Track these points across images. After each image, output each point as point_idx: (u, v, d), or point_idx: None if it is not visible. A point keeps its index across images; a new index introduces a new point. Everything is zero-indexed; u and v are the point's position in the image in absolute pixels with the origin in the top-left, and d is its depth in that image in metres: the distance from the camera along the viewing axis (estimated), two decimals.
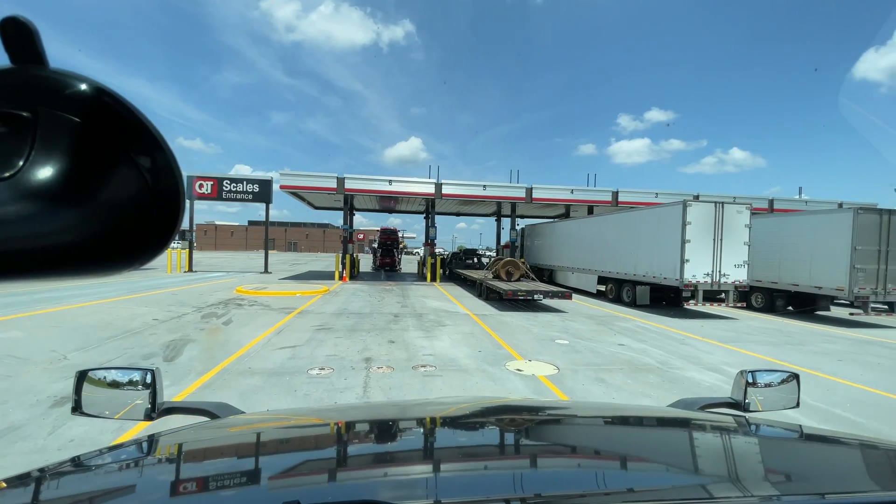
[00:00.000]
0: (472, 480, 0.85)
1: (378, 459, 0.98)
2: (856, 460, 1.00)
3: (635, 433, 1.22)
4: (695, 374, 6.23)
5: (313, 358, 6.40)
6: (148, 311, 9.67)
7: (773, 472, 0.91)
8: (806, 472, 0.92)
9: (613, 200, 21.50)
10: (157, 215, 0.39)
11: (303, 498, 0.64)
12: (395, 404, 1.74)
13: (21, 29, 0.31)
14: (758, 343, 8.58)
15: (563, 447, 1.10)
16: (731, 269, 11.58)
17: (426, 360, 6.45)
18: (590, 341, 8.26)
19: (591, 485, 0.81)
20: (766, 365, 6.88)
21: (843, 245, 11.17)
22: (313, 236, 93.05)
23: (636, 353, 7.42)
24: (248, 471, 0.87)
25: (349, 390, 5.05)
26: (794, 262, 12.56)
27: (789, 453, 1.04)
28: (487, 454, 1.02)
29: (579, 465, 0.97)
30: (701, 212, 11.43)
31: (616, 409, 1.98)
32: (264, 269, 23.61)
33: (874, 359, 7.57)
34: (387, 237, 30.94)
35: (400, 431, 1.19)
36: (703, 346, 8.19)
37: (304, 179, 19.68)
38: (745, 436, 1.11)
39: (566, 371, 6.14)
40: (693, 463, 0.97)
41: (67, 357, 5.94)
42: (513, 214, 25.59)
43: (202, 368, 5.69)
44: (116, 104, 0.35)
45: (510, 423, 1.29)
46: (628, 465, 0.94)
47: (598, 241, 16.06)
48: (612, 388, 5.46)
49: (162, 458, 0.97)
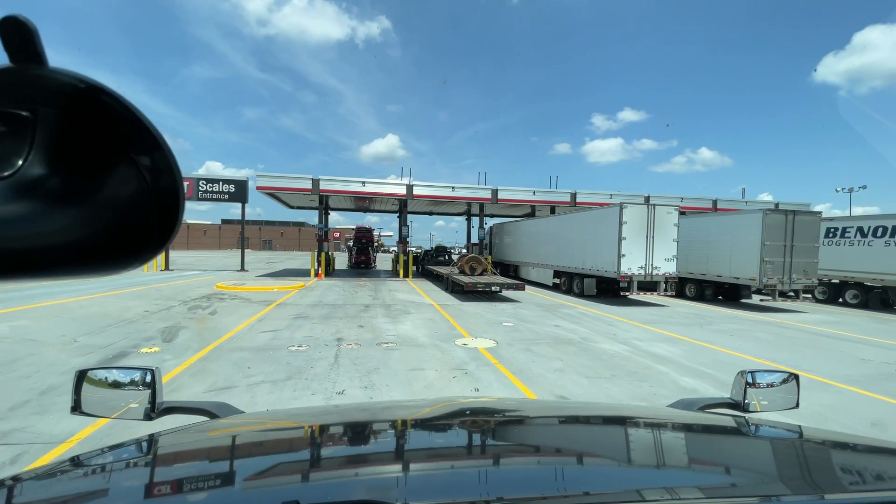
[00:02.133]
0: (473, 480, 0.84)
1: (378, 460, 0.97)
2: (856, 461, 0.99)
3: (634, 433, 1.20)
4: (607, 346, 7.69)
5: (292, 338, 7.55)
6: (137, 305, 10.56)
7: (772, 472, 0.91)
8: (805, 472, 0.91)
9: (572, 201, 23.22)
10: (157, 214, 0.39)
11: (303, 498, 0.64)
12: (396, 404, 1.74)
13: (20, 28, 0.30)
14: (672, 324, 10.20)
15: (562, 447, 1.10)
16: (661, 263, 13.28)
17: (389, 339, 7.70)
18: (531, 324, 9.68)
19: (590, 485, 0.80)
20: (666, 339, 8.44)
21: (754, 241, 13.01)
22: (288, 235, 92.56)
23: (566, 331, 8.87)
24: (248, 471, 0.87)
25: (322, 360, 6.25)
26: (718, 256, 14.40)
27: (789, 454, 1.03)
28: (490, 454, 1.03)
29: (579, 465, 0.95)
30: (635, 213, 13.08)
31: (615, 409, 1.97)
32: (241, 267, 24.26)
33: (759, 334, 9.25)
34: (362, 235, 31.80)
35: (401, 432, 1.19)
36: (625, 326, 9.74)
37: (280, 181, 20.52)
38: (745, 436, 1.10)
39: (503, 344, 7.50)
40: (693, 463, 0.96)
41: (77, 340, 6.91)
42: (481, 214, 27.01)
43: (198, 346, 6.77)
44: (116, 103, 0.35)
45: (511, 422, 1.28)
46: (628, 466, 0.94)
47: (552, 239, 17.65)
48: (536, 355, 6.84)
49: (162, 457, 0.96)
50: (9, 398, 4.45)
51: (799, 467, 0.95)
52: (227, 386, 5.02)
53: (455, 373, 5.81)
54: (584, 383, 5.50)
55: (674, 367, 6.40)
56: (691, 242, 15.04)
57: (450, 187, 22.59)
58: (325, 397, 4.75)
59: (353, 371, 5.74)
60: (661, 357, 6.97)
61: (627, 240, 12.94)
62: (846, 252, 15.18)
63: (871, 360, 7.16)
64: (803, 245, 13.06)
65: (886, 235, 14.11)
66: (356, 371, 5.74)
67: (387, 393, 4.95)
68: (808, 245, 13.16)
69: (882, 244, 14.19)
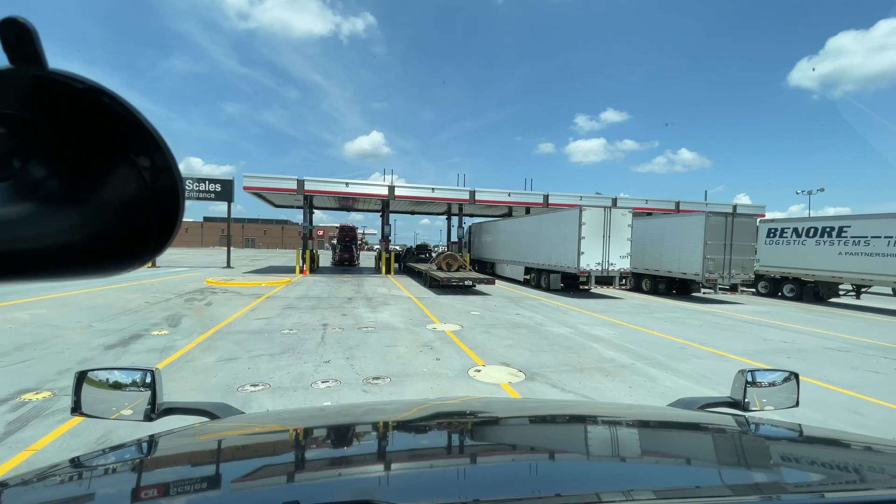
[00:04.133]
0: (474, 480, 0.84)
1: (379, 459, 0.96)
2: (856, 459, 0.98)
3: (633, 433, 1.20)
4: (555, 329, 9.01)
5: (283, 324, 8.65)
6: (137, 297, 11.47)
7: (773, 471, 0.92)
8: (806, 471, 0.92)
9: (545, 202, 24.66)
10: (157, 215, 0.39)
11: (303, 498, 0.65)
12: (396, 404, 1.72)
13: (19, 29, 0.30)
14: (619, 313, 11.61)
15: (560, 447, 1.09)
16: (617, 260, 14.74)
17: (369, 324, 8.86)
18: (496, 312, 10.96)
19: (589, 485, 0.79)
20: (608, 324, 9.82)
21: (698, 240, 14.57)
22: (271, 233, 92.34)
23: (524, 318, 10.17)
24: (248, 471, 0.88)
25: (311, 339, 7.38)
26: (669, 254, 15.95)
27: (789, 452, 1.04)
28: (494, 454, 1.03)
29: (578, 465, 0.95)
30: (593, 215, 14.50)
31: (614, 408, 1.96)
32: (227, 264, 25.00)
33: (690, 321, 10.71)
34: (345, 234, 32.70)
35: (403, 433, 1.19)
36: (577, 314, 11.10)
37: (266, 181, 21.38)
38: (745, 435, 1.11)
39: (467, 328, 8.74)
40: (693, 462, 0.97)
41: (93, 325, 7.89)
42: (460, 214, 28.23)
43: (201, 330, 7.82)
44: (115, 104, 0.35)
45: (510, 422, 1.29)
46: (627, 465, 0.94)
47: (523, 238, 19.03)
48: (493, 336, 8.10)
49: (162, 458, 0.96)
50: (53, 366, 5.48)
51: (799, 466, 0.95)
52: (233, 357, 6.12)
53: (422, 348, 7.02)
54: (526, 355, 6.77)
55: (604, 344, 7.73)
56: (647, 241, 16.58)
57: (430, 188, 23.77)
58: (315, 365, 5.89)
59: (337, 347, 6.89)
60: (597, 337, 8.31)
61: (586, 239, 14.35)
62: (784, 250, 16.91)
63: (771, 340, 8.63)
64: (741, 244, 14.69)
65: (817, 235, 15.86)
66: (340, 347, 6.90)
67: (364, 362, 6.11)
68: (745, 244, 14.79)
69: (813, 243, 15.94)
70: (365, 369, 5.75)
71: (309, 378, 5.31)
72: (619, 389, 5.26)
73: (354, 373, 5.59)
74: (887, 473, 0.89)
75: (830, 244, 15.30)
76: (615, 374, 5.90)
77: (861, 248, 14.49)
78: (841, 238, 15.04)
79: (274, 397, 4.64)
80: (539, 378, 5.60)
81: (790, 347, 7.94)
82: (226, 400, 4.46)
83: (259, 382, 5.09)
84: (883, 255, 13.86)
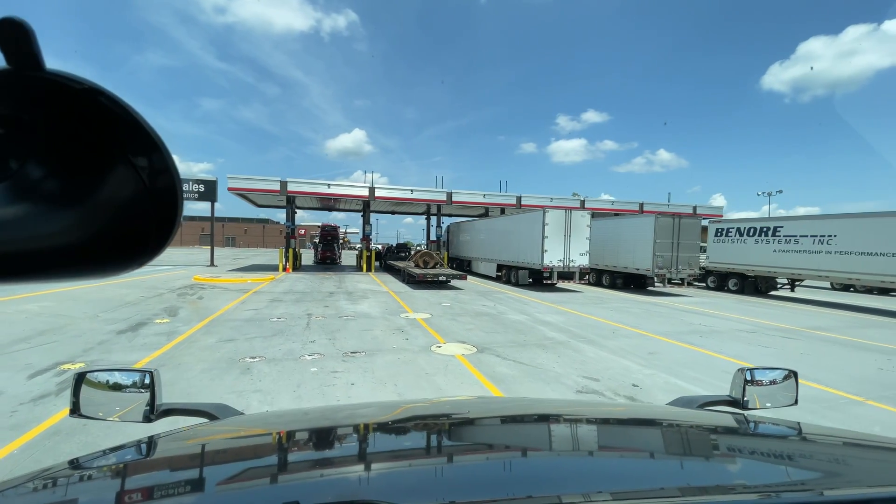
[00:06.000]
0: (476, 480, 0.84)
1: (379, 459, 0.96)
2: (855, 457, 0.99)
3: (633, 432, 1.21)
4: (513, 316, 10.32)
5: (272, 314, 9.72)
6: (132, 292, 12.32)
7: (772, 469, 0.93)
8: (805, 469, 0.93)
9: (517, 203, 26.12)
10: (155, 215, 0.39)
11: (303, 498, 0.65)
12: (400, 404, 1.74)
13: (17, 30, 0.30)
14: (574, 304, 13.03)
15: (560, 446, 1.08)
16: (577, 257, 16.22)
17: (349, 314, 10.01)
18: (464, 304, 12.23)
19: (589, 484, 0.79)
20: (560, 312, 11.20)
21: (649, 239, 16.15)
22: (252, 231, 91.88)
23: (489, 308, 11.47)
24: (248, 471, 0.88)
25: (297, 325, 8.49)
26: (625, 251, 17.53)
27: (788, 451, 1.04)
28: (504, 452, 1.04)
29: (578, 464, 0.94)
30: (556, 216, 15.95)
31: (614, 407, 1.95)
32: (210, 263, 25.65)
33: (633, 310, 12.19)
34: (327, 233, 33.51)
35: (404, 432, 1.19)
36: (536, 305, 12.47)
37: (250, 182, 22.20)
38: (744, 434, 1.12)
39: (436, 316, 9.98)
40: (692, 461, 0.97)
41: (99, 316, 8.82)
42: (438, 214, 29.47)
43: (198, 319, 8.84)
44: (113, 105, 0.35)
45: (510, 421, 1.31)
46: (626, 464, 0.94)
47: (496, 237, 20.40)
48: (458, 322, 9.34)
49: (161, 459, 0.97)
50: (77, 346, 6.48)
51: (798, 464, 0.95)
52: (231, 339, 7.20)
53: (395, 332, 8.21)
54: (482, 335, 8.04)
55: (550, 327, 9.07)
56: (606, 240, 18.12)
57: (409, 190, 24.94)
58: (302, 343, 7.02)
59: (320, 331, 8.03)
60: (547, 322, 9.65)
61: (549, 238, 15.78)
62: (729, 248, 18.69)
63: (694, 324, 10.13)
64: (687, 242, 16.35)
65: (756, 235, 17.65)
66: (323, 331, 8.03)
67: (344, 342, 7.26)
68: (690, 242, 16.46)
69: (753, 242, 17.73)
70: (344, 346, 6.92)
71: (298, 353, 6.45)
72: (549, 358, 6.57)
73: (335, 349, 6.76)
74: (887, 472, 0.89)
75: (767, 242, 17.10)
76: (551, 348, 7.22)
77: (792, 245, 16.30)
78: (775, 237, 16.85)
79: (270, 365, 5.77)
80: (488, 351, 6.86)
81: (706, 329, 9.44)
82: (230, 368, 5.60)
83: (256, 356, 6.21)
84: (810, 252, 15.68)
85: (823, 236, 15.18)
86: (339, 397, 4.70)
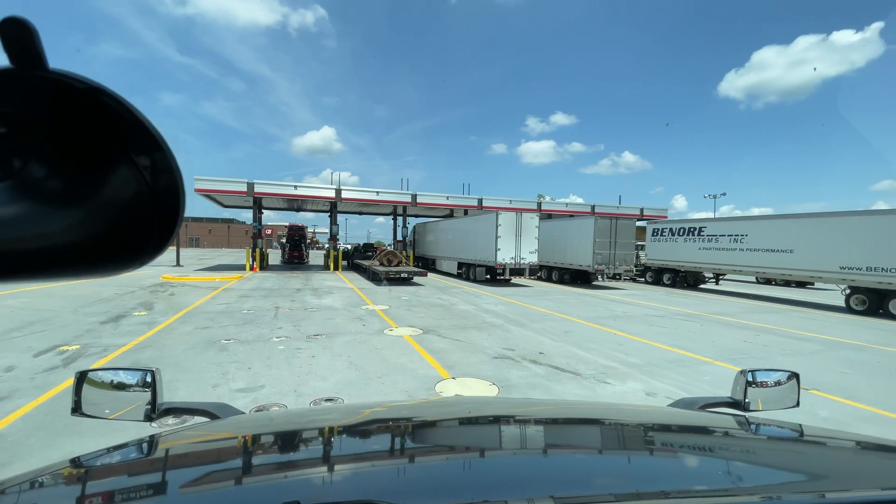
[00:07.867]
0: (477, 480, 0.84)
1: (380, 460, 0.96)
2: (856, 459, 1.00)
3: (634, 433, 1.21)
4: (463, 307, 11.70)
5: (242, 307, 10.70)
6: (105, 289, 12.92)
7: (773, 471, 0.93)
8: (806, 471, 0.93)
9: (479, 205, 27.66)
10: (157, 215, 0.39)
11: (303, 498, 0.65)
12: (400, 404, 1.73)
13: (21, 30, 0.30)
14: (521, 296, 14.56)
15: (562, 447, 1.09)
16: (527, 255, 17.86)
17: (313, 307, 11.11)
18: (422, 297, 13.53)
19: (589, 486, 0.80)
20: (505, 303, 12.69)
21: (590, 238, 17.97)
22: (217, 231, 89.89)
23: (443, 301, 12.82)
24: (248, 471, 0.89)
25: (266, 316, 9.54)
26: (570, 250, 19.34)
27: (790, 452, 1.05)
28: (505, 453, 1.05)
29: (578, 465, 0.95)
30: (508, 217, 17.52)
31: (613, 408, 1.98)
32: (177, 263, 25.81)
33: (569, 301, 13.84)
34: (294, 233, 34.01)
35: (404, 432, 1.20)
36: (487, 297, 13.93)
37: (217, 184, 22.66)
38: (746, 435, 1.12)
39: (394, 308, 11.22)
40: (693, 462, 0.98)
41: (78, 310, 9.57)
42: (404, 215, 30.67)
43: (174, 312, 9.74)
44: (116, 104, 0.35)
45: (509, 421, 1.31)
46: (627, 466, 0.94)
47: (457, 237, 21.86)
48: (412, 312, 10.62)
49: (162, 458, 0.97)
50: (68, 333, 7.34)
51: (800, 466, 0.96)
52: (206, 327, 8.20)
53: (354, 320, 9.41)
54: (431, 321, 9.35)
55: (492, 315, 10.50)
56: (555, 239, 19.87)
57: (375, 192, 26.02)
58: (271, 329, 8.11)
59: (287, 321, 9.12)
60: (491, 311, 11.09)
61: (502, 238, 17.33)
62: (663, 246, 20.84)
63: (615, 311, 11.82)
64: (623, 241, 18.29)
65: (685, 234, 19.82)
66: (289, 321, 9.13)
67: (308, 328, 8.39)
68: (626, 241, 18.41)
69: (683, 241, 19.90)
70: (308, 331, 8.07)
71: (267, 336, 7.56)
72: (481, 336, 7.96)
73: (300, 332, 7.90)
74: (888, 473, 0.89)
75: (693, 241, 19.27)
76: (485, 329, 8.62)
77: (713, 244, 18.50)
78: (700, 236, 19.03)
79: (243, 346, 6.87)
80: (432, 332, 8.18)
81: (622, 315, 11.12)
82: (209, 347, 6.67)
83: (231, 338, 7.28)
84: (727, 250, 17.90)
85: (737, 235, 17.41)
86: (302, 366, 5.88)
